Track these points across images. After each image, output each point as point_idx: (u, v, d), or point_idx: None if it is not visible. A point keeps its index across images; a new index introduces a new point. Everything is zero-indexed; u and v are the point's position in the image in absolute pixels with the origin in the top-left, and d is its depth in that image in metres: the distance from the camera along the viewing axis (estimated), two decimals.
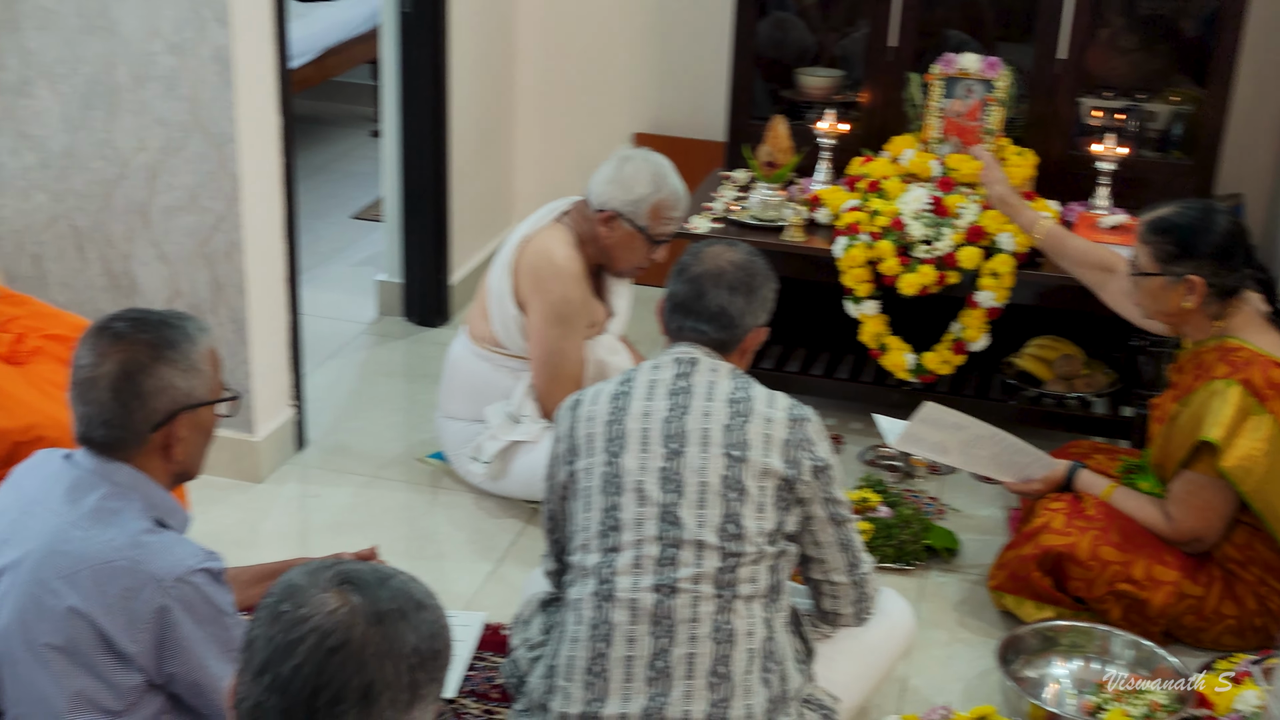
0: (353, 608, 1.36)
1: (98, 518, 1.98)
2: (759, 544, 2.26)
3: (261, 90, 3.31)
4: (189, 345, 2.06)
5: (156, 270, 3.40)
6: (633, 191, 3.26)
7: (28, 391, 2.57)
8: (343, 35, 6.11)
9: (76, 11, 3.21)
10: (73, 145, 3.34)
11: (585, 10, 4.67)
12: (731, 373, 2.37)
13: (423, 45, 4.17)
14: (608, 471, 2.30)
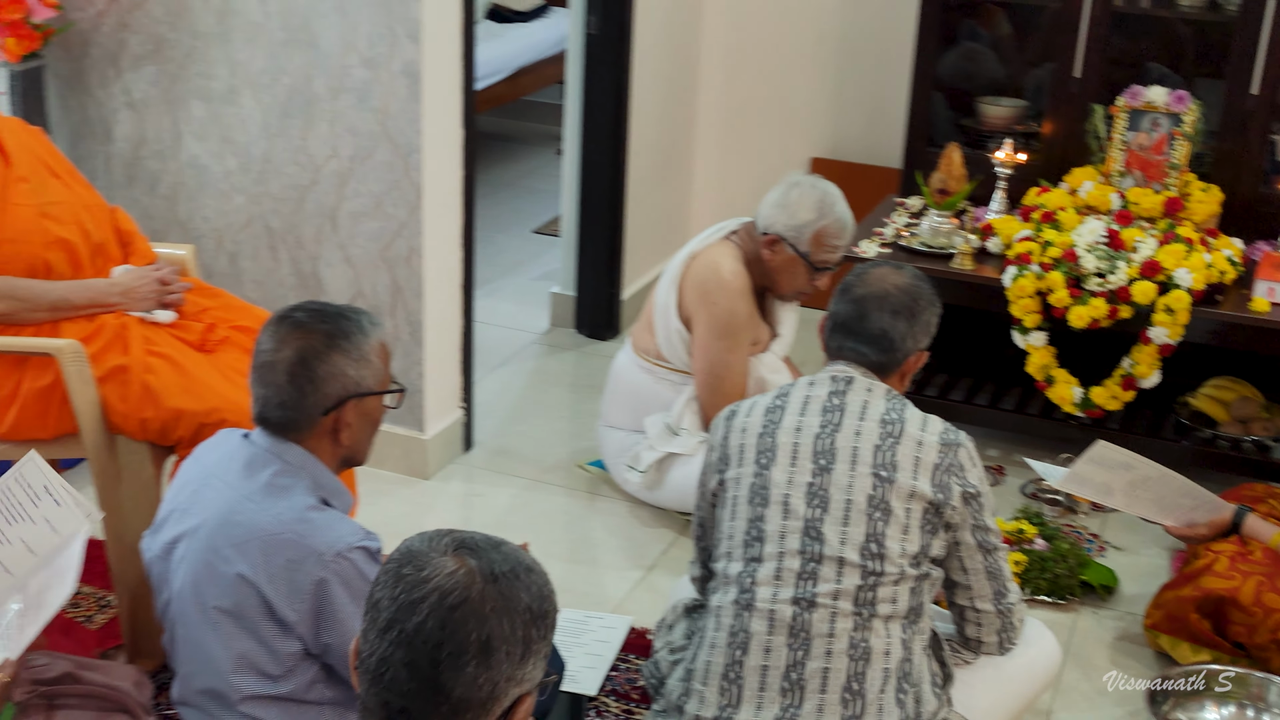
0: (470, 569, 1.46)
1: (269, 492, 2.13)
2: (901, 565, 2.28)
3: (447, 104, 3.47)
4: (361, 337, 2.20)
5: (341, 272, 3.59)
6: (797, 217, 3.31)
7: (214, 377, 2.75)
8: (535, 55, 6.31)
9: (281, 25, 3.44)
10: (271, 151, 3.56)
11: (768, 35, 4.74)
12: (887, 394, 2.40)
13: (607, 66, 4.31)
14: (756, 483, 2.35)
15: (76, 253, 2.82)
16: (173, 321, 2.86)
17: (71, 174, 2.95)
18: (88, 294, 2.78)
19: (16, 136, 2.87)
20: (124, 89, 3.66)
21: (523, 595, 1.47)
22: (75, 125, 3.74)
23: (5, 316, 2.72)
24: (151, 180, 3.71)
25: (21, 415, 2.72)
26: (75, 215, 2.85)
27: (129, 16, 3.57)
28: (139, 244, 2.99)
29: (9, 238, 2.74)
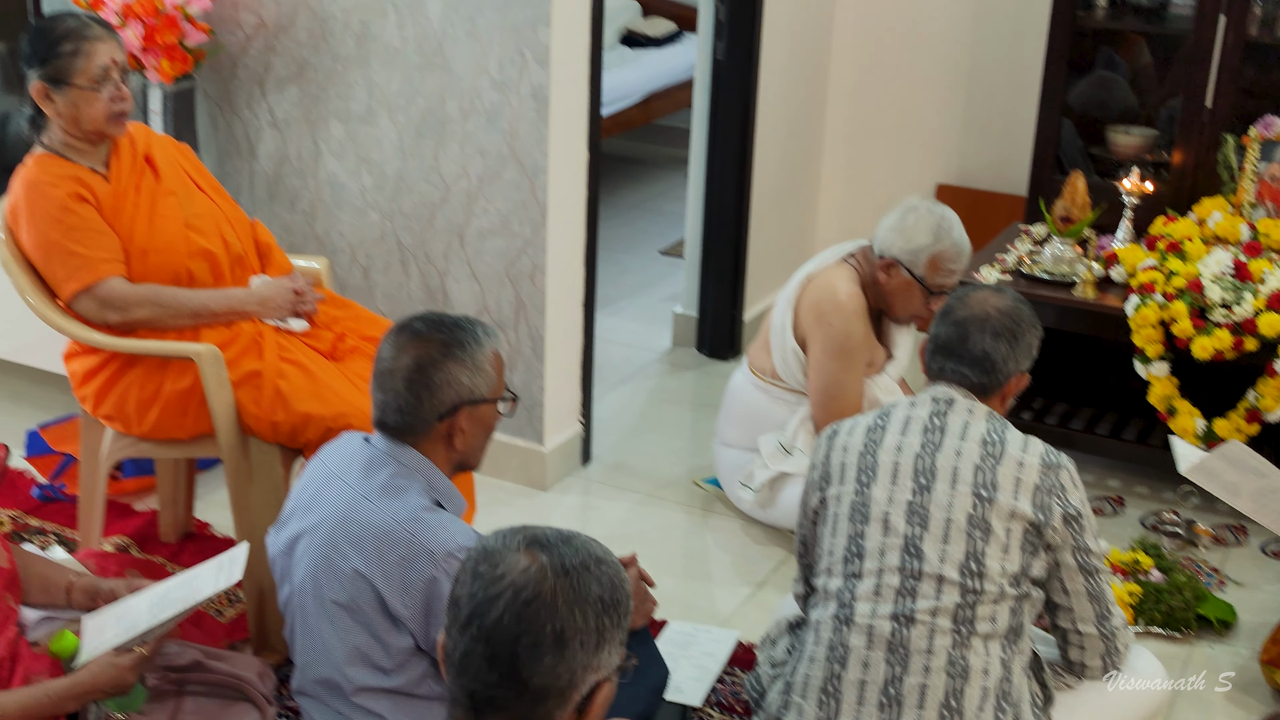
0: (541, 565, 1.54)
1: (386, 492, 2.23)
2: (1000, 584, 2.29)
3: (573, 127, 3.58)
4: (476, 347, 2.29)
5: (468, 287, 3.72)
6: (913, 241, 3.34)
7: (342, 384, 2.89)
8: (667, 80, 6.42)
9: (417, 50, 3.58)
10: (404, 170, 3.71)
11: (896, 60, 4.77)
12: (988, 415, 2.42)
13: (733, 91, 4.38)
14: (856, 500, 2.39)
15: (218, 263, 2.98)
16: (305, 330, 3.00)
17: (216, 189, 3.12)
18: (227, 302, 2.94)
19: (166, 153, 3.05)
20: (268, 109, 3.84)
21: (593, 586, 1.54)
22: (222, 143, 3.94)
23: (150, 322, 2.89)
24: (291, 196, 3.89)
25: (162, 415, 2.89)
26: (218, 227, 3.01)
27: (275, 40, 3.76)
28: (276, 256, 3.14)
29: (156, 247, 2.91)
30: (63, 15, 2.91)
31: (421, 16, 3.54)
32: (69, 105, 2.86)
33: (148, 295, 2.88)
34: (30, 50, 2.87)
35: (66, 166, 2.89)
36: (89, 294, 2.85)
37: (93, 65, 2.85)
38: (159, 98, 3.71)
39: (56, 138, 2.92)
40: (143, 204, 2.94)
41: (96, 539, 3.13)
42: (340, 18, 3.65)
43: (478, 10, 3.47)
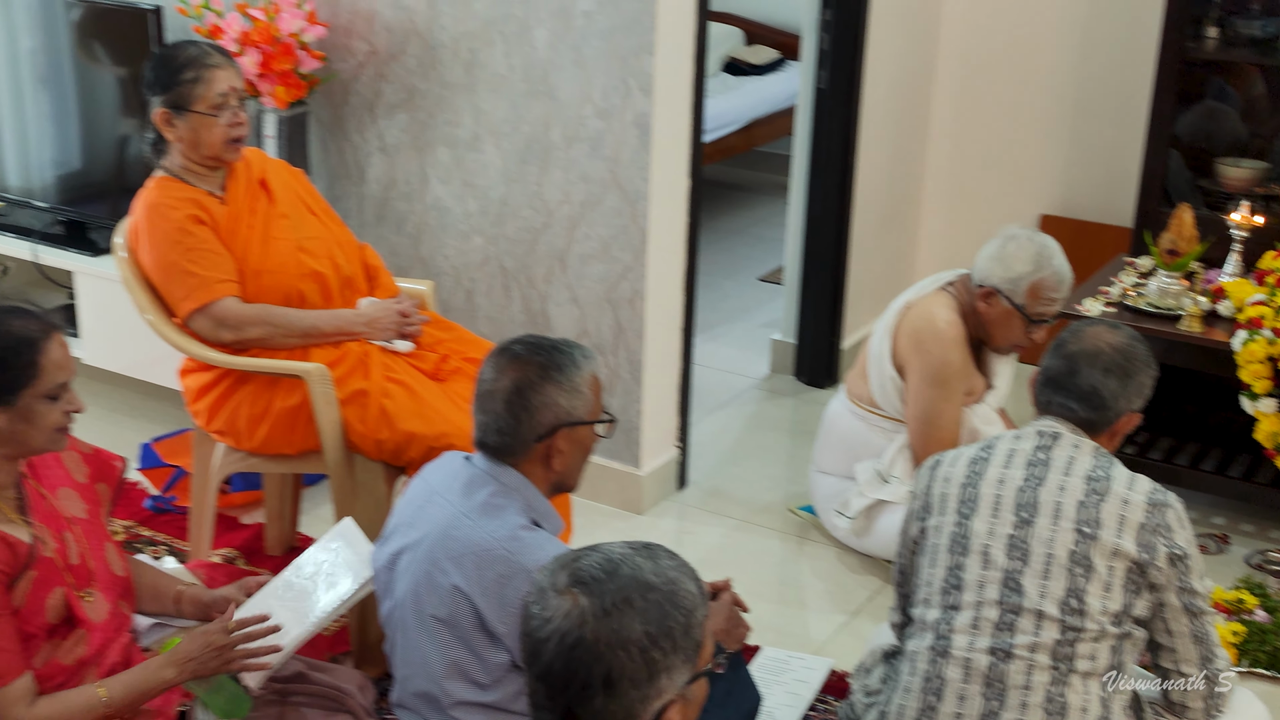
0: (581, 608, 1.57)
1: (485, 511, 2.28)
2: (1101, 622, 2.28)
3: (675, 154, 3.63)
4: (574, 369, 2.33)
5: (568, 311, 3.78)
6: (1012, 269, 3.33)
7: (445, 404, 2.95)
8: (769, 108, 6.45)
9: (523, 77, 3.66)
10: (508, 195, 3.78)
11: (1001, 90, 4.75)
12: (1094, 451, 2.40)
13: (835, 119, 4.40)
14: (956, 532, 2.38)
15: (327, 284, 3.07)
16: (410, 351, 3.07)
17: (327, 212, 3.21)
18: (336, 322, 3.02)
19: (280, 177, 3.15)
20: (378, 135, 3.94)
21: (636, 624, 1.55)
22: (333, 167, 4.05)
23: (261, 341, 2.98)
24: (398, 220, 3.98)
25: (271, 431, 2.97)
26: (328, 250, 3.10)
27: (386, 68, 3.86)
28: (384, 278, 3.23)
29: (269, 268, 3.01)
30: (184, 44, 3.02)
31: (528, 45, 3.62)
32: (189, 130, 2.97)
33: (260, 315, 2.97)
34: (153, 77, 2.99)
35: (186, 190, 3.00)
36: (205, 313, 2.95)
37: (212, 92, 2.96)
38: (273, 123, 3.83)
39: (176, 162, 3.03)
40: (257, 226, 3.03)
41: (206, 550, 3.23)
42: (449, 46, 3.74)
43: (584, 39, 3.53)
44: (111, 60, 4.05)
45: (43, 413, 2.27)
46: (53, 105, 4.18)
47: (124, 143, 4.10)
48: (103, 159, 4.17)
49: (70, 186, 4.24)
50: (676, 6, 3.49)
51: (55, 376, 2.27)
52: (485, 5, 3.65)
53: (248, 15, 3.73)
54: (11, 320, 2.27)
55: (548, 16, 3.56)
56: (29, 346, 2.24)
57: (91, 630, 2.39)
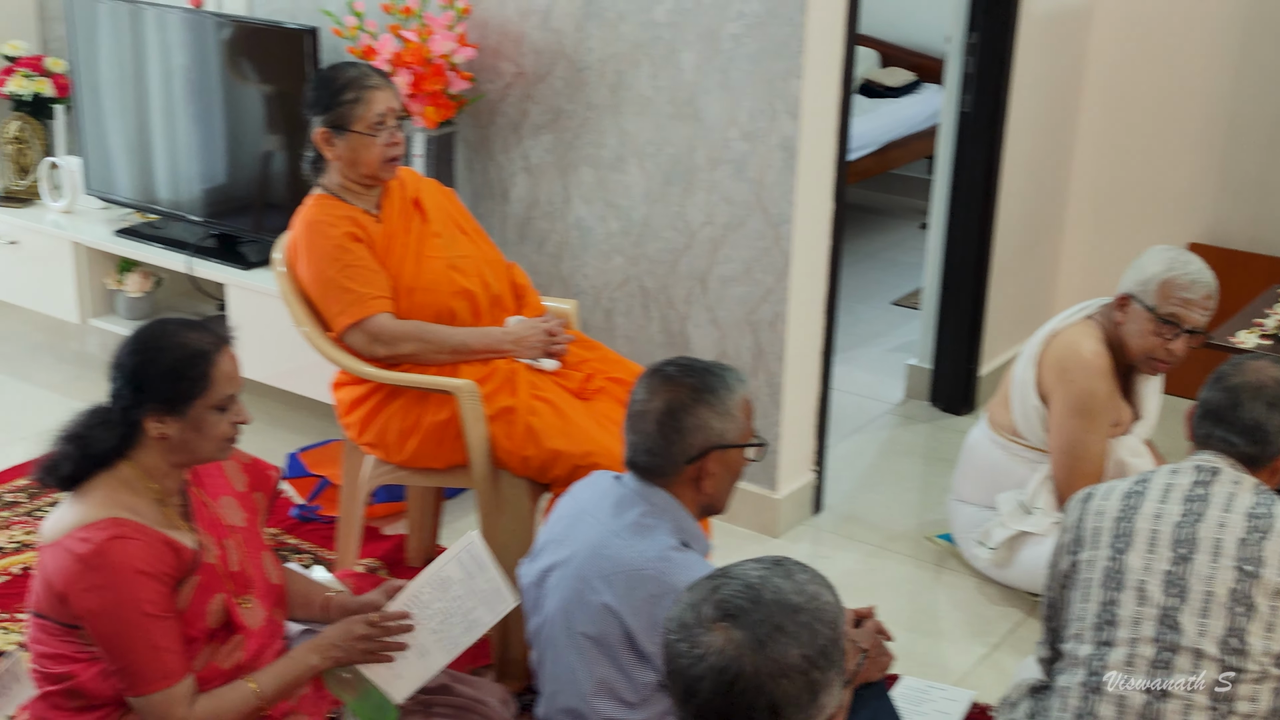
0: (736, 643, 1.55)
1: (635, 531, 2.30)
2: (1263, 663, 2.23)
3: (819, 178, 3.63)
4: (726, 393, 2.35)
5: (708, 332, 3.80)
6: (1144, 271, 3.28)
7: (590, 423, 2.99)
8: (904, 130, 6.42)
9: (669, 100, 3.69)
10: (650, 216, 3.81)
11: (1150, 116, 4.67)
12: (1255, 488, 2.35)
13: (978, 144, 4.36)
14: (1110, 566, 2.35)
15: (477, 302, 3.13)
16: (556, 370, 3.12)
17: (477, 231, 3.27)
18: (484, 340, 3.08)
19: (433, 196, 3.23)
20: (522, 154, 4.01)
21: (793, 650, 1.54)
22: (477, 186, 4.12)
23: (413, 356, 3.05)
24: (540, 239, 4.04)
25: (421, 445, 3.03)
26: (478, 269, 3.16)
27: (533, 89, 3.92)
28: (531, 297, 3.28)
29: (422, 286, 3.08)
30: (345, 65, 3.11)
31: (675, 68, 3.65)
32: (348, 150, 3.05)
33: (413, 331, 3.04)
34: (314, 98, 3.07)
35: (343, 208, 3.08)
36: (360, 328, 3.02)
37: (371, 113, 3.03)
38: (421, 142, 3.91)
39: (335, 180, 3.11)
40: (411, 244, 3.10)
41: (352, 560, 3.30)
42: (596, 68, 3.79)
43: (730, 63, 3.56)
44: (260, 78, 4.17)
45: (212, 423, 2.35)
46: (201, 121, 4.31)
47: (268, 159, 4.22)
48: (247, 174, 4.29)
49: (215, 200, 4.37)
50: (825, 30, 3.50)
51: (225, 388, 2.35)
52: (633, 28, 3.69)
53: (400, 37, 3.82)
54: (186, 333, 2.36)
55: (695, 40, 3.60)
56: (201, 359, 2.32)
57: (249, 636, 2.46)
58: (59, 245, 4.58)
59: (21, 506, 3.80)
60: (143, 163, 4.50)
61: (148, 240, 4.45)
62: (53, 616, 2.36)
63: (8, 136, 4.83)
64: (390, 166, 3.09)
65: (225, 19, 4.19)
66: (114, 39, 4.44)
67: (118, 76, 4.47)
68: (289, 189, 4.10)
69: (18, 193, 4.84)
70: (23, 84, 4.75)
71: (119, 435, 2.34)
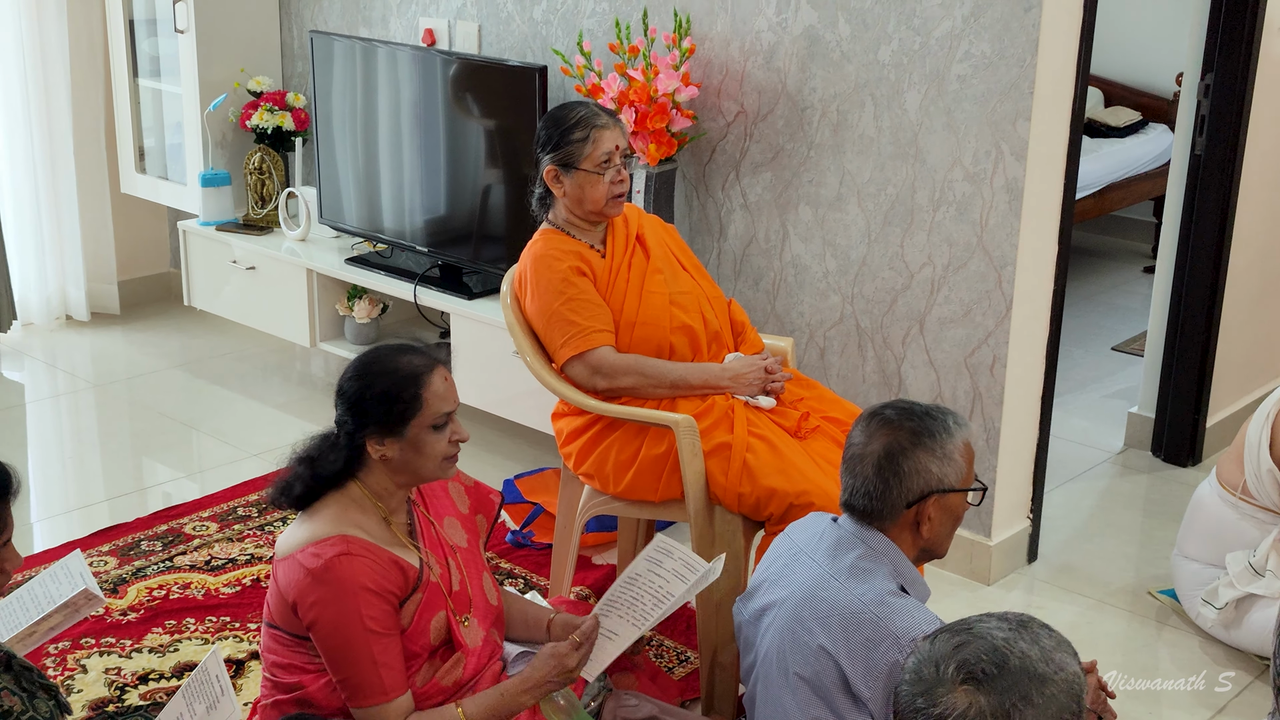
0: (980, 709, 1.55)
1: (853, 574, 2.31)
2: None
3: (1044, 220, 3.58)
4: (946, 436, 2.34)
5: (924, 374, 3.77)
6: None
7: (805, 462, 2.99)
8: (1127, 171, 6.25)
9: (891, 140, 3.69)
10: (869, 255, 3.81)
11: None
12: None
13: (1211, 187, 4.23)
14: None
15: (696, 338, 3.18)
16: (772, 407, 3.13)
17: (697, 268, 3.32)
18: (703, 376, 3.12)
19: (655, 232, 3.29)
20: (741, 192, 4.05)
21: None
22: (695, 222, 4.18)
23: (632, 390, 3.10)
24: (756, 275, 4.07)
25: (637, 478, 3.09)
26: (698, 305, 3.21)
27: (754, 128, 3.97)
28: (749, 334, 3.31)
29: (643, 320, 3.14)
30: (575, 105, 3.20)
31: (899, 108, 3.65)
32: (575, 187, 3.14)
33: (633, 365, 3.10)
34: (545, 136, 3.17)
35: (569, 242, 3.17)
36: (582, 360, 3.10)
37: (599, 151, 3.11)
38: (643, 178, 3.99)
39: (561, 215, 3.20)
40: (633, 280, 3.17)
41: (566, 587, 3.37)
42: (819, 108, 3.81)
43: (956, 104, 3.54)
44: (485, 114, 4.31)
45: (430, 442, 2.44)
46: (425, 154, 4.48)
47: (487, 192, 4.35)
48: (465, 207, 4.43)
49: (435, 231, 4.53)
50: (1056, 72, 3.45)
51: (438, 407, 2.44)
52: (858, 68, 3.70)
53: (626, 75, 3.91)
54: (399, 357, 2.47)
55: (921, 80, 3.59)
56: (413, 380, 2.42)
57: (468, 655, 2.55)
58: (294, 272, 4.82)
59: (253, 520, 3.99)
60: (370, 194, 4.71)
61: (375, 268, 4.64)
62: (284, 627, 2.48)
63: (250, 167, 5.10)
64: (616, 203, 3.16)
65: (454, 56, 4.36)
66: (348, 75, 4.66)
67: (350, 111, 4.69)
68: (510, 222, 4.24)
69: (257, 220, 5.11)
70: (266, 118, 5.02)
71: (345, 458, 2.46)
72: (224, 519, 4.00)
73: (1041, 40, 3.38)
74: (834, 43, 3.74)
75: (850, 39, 3.71)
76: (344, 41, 4.65)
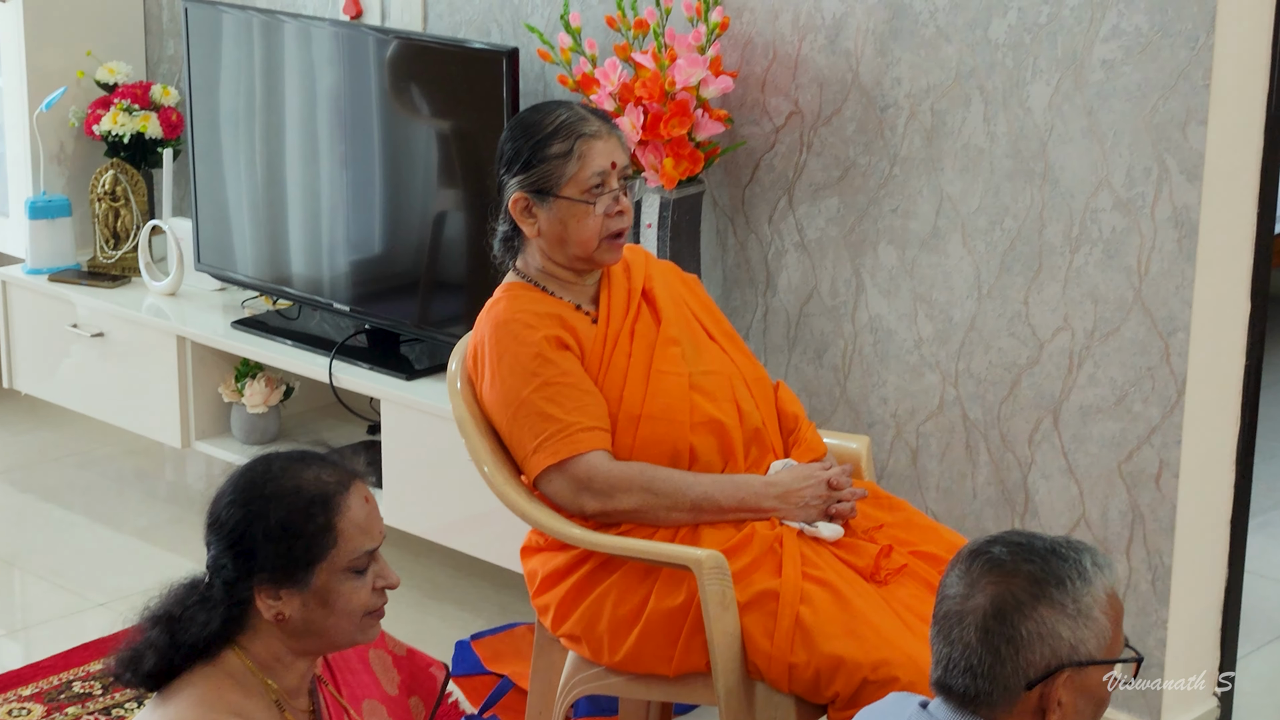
0: None
1: None
2: None
3: (1229, 265, 3.60)
4: (1082, 584, 2.32)
5: (1060, 486, 3.78)
6: None
7: (886, 619, 2.98)
8: None
9: (1009, 152, 3.72)
10: (978, 316, 3.84)
11: None
12: None
13: None
14: None
15: (729, 438, 3.19)
16: (838, 539, 3.14)
17: (730, 337, 3.34)
18: (738, 493, 3.13)
19: (670, 287, 3.31)
20: (796, 225, 4.08)
21: None
22: (730, 268, 4.22)
23: (637, 513, 3.10)
24: (818, 345, 4.10)
25: (643, 641, 3.08)
26: (731, 390, 3.22)
27: (813, 134, 4.01)
28: (805, 432, 3.31)
29: (651, 413, 3.14)
30: (554, 106, 3.23)
31: (1019, 107, 3.69)
32: (554, 222, 3.16)
33: (638, 478, 3.10)
34: (512, 150, 3.20)
35: (545, 302, 3.20)
36: (563, 471, 3.11)
37: (587, 171, 3.14)
38: (655, 207, 4.01)
39: (535, 263, 3.23)
40: (638, 355, 3.19)
41: None
42: (906, 106, 3.86)
43: (1100, 100, 3.58)
44: (436, 114, 4.37)
45: (345, 593, 2.44)
46: (355, 172, 4.52)
47: (439, 224, 4.39)
48: (408, 245, 4.48)
49: (364, 280, 4.58)
50: (1242, 54, 3.50)
51: (357, 543, 2.44)
52: (960, 50, 3.75)
53: (631, 61, 3.95)
54: (300, 472, 2.45)
55: (1049, 67, 3.63)
56: (322, 505, 2.42)
57: None
58: (158, 340, 4.85)
59: (96, 701, 3.99)
60: (274, 229, 4.75)
61: (276, 335, 4.68)
62: None
63: (100, 192, 5.13)
64: (613, 245, 3.19)
65: (392, 35, 4.41)
66: (241, 61, 4.72)
67: (244, 112, 4.74)
68: (472, 267, 4.27)
69: (107, 268, 5.14)
70: (122, 121, 5.04)
71: (222, 617, 2.44)
72: (53, 699, 3.99)
73: (1220, 9, 3.42)
74: (926, 14, 3.79)
75: (949, 8, 3.76)
76: (235, 14, 4.70)
